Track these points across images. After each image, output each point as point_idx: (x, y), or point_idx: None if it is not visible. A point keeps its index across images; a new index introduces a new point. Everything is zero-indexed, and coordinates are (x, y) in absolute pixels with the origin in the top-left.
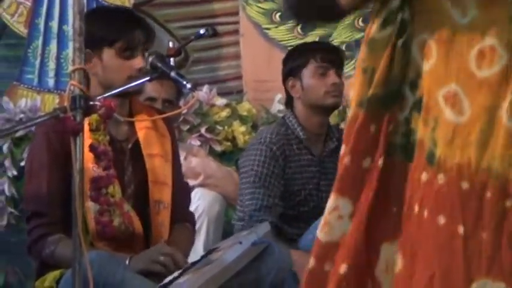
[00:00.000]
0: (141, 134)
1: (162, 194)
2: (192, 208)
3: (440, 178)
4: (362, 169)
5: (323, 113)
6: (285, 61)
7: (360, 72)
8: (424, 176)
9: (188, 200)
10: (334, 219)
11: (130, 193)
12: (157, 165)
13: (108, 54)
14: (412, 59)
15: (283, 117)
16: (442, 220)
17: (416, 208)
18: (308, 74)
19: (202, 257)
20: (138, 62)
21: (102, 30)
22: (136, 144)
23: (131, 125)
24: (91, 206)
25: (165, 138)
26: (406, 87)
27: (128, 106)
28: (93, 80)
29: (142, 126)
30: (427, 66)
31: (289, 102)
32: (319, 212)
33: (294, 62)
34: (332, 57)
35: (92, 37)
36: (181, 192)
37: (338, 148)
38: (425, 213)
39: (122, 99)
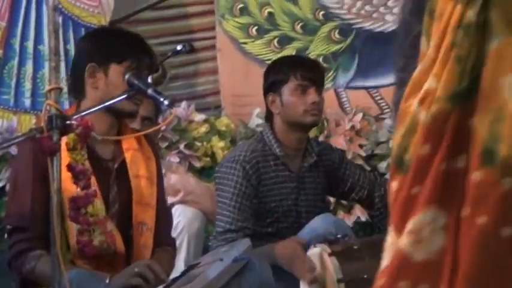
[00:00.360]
0: (128, 155)
1: (146, 216)
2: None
3: (506, 183)
4: (457, 174)
5: (302, 130)
6: (266, 75)
7: (452, 61)
8: (476, 176)
9: (171, 224)
10: (427, 233)
11: (114, 212)
12: (143, 187)
13: (114, 70)
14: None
15: (261, 132)
16: (507, 231)
17: (468, 210)
18: (288, 91)
19: (183, 273)
20: None
21: (114, 46)
22: (123, 164)
23: (118, 145)
24: (73, 224)
25: (150, 160)
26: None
27: (118, 127)
28: (91, 94)
29: (130, 147)
30: (492, 45)
31: (268, 116)
32: (298, 227)
33: (274, 76)
34: (313, 75)
35: (101, 52)
36: (165, 216)
37: (317, 163)
38: (479, 220)
39: (113, 119)
